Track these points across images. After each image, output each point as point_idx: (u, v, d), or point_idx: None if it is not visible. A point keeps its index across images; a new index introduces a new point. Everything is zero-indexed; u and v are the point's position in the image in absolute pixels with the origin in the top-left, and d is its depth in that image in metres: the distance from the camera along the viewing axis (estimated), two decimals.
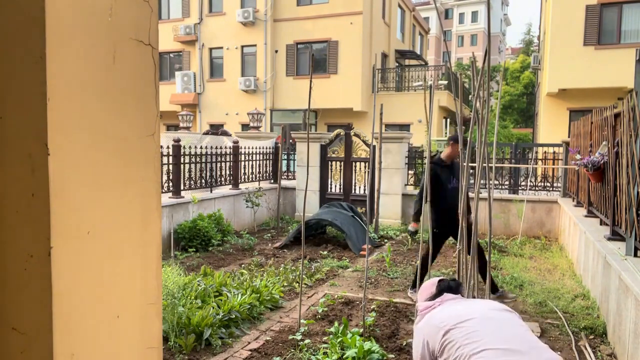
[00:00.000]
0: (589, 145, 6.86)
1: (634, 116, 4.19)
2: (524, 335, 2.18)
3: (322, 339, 4.22)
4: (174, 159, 7.74)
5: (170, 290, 4.45)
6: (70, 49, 1.02)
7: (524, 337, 2.15)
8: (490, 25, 3.54)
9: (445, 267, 6.70)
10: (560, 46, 15.93)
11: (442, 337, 2.20)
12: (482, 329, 2.15)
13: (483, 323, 2.19)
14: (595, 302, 5.04)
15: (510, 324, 2.24)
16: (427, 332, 2.31)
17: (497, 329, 2.17)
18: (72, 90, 1.03)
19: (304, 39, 21.44)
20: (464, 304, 2.43)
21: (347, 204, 8.71)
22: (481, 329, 2.15)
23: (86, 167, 1.07)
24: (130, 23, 1.17)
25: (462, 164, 3.84)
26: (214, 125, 22.56)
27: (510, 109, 38.16)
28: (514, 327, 2.22)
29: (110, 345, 1.16)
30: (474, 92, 3.68)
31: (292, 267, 6.48)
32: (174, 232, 7.45)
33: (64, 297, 1.03)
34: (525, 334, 2.19)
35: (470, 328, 2.16)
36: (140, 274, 1.24)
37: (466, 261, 3.81)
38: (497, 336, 2.11)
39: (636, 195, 4.09)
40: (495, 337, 2.10)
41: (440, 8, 61.94)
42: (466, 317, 2.24)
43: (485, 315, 2.28)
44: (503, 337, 2.11)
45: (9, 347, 1.05)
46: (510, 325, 2.23)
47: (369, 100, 20.93)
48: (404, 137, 9.94)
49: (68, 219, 1.03)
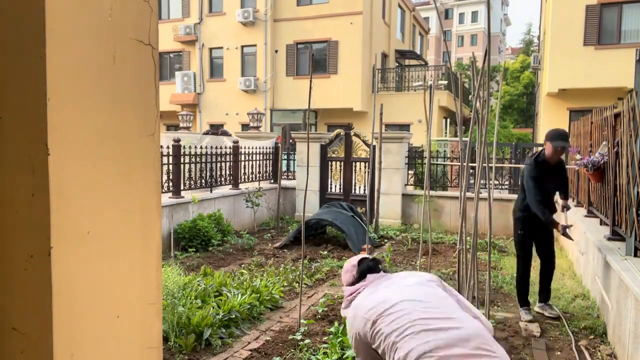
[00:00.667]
0: (589, 145, 6.86)
1: (634, 116, 4.19)
2: (450, 307, 2.21)
3: (322, 339, 4.22)
4: (174, 159, 7.74)
5: (170, 290, 4.45)
6: (70, 49, 1.02)
7: (446, 310, 2.18)
8: (490, 25, 3.54)
9: (445, 267, 6.70)
10: (560, 46, 15.93)
11: (371, 329, 2.22)
12: (405, 312, 2.16)
13: (405, 305, 2.20)
14: (595, 302, 5.04)
15: (437, 297, 2.27)
16: (357, 325, 2.33)
17: (419, 308, 2.18)
18: (72, 90, 1.03)
19: (304, 39, 21.45)
20: (388, 285, 2.42)
21: (347, 204, 8.71)
22: (404, 313, 2.16)
23: (86, 167, 1.07)
24: (130, 23, 1.17)
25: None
26: (214, 125, 22.56)
27: (510, 109, 38.16)
28: (440, 300, 2.26)
29: (110, 345, 1.16)
30: (474, 92, 3.68)
31: (292, 267, 6.48)
32: (174, 232, 7.45)
33: (64, 297, 1.03)
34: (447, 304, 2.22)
35: (394, 315, 2.17)
36: (140, 274, 1.24)
37: (466, 261, 3.81)
38: (419, 315, 2.13)
39: (636, 195, 4.09)
40: (417, 316, 2.12)
41: (440, 8, 61.94)
42: (390, 302, 2.24)
43: (407, 295, 2.28)
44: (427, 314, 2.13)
45: (9, 347, 1.05)
46: (437, 298, 2.26)
47: (369, 100, 20.93)
48: (404, 137, 9.94)
49: (68, 219, 1.03)
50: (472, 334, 2.03)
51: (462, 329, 2.05)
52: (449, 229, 9.37)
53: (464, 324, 2.08)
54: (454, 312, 2.18)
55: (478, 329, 2.08)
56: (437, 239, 8.48)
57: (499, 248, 7.80)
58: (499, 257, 7.28)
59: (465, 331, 2.04)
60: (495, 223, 8.86)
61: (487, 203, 3.76)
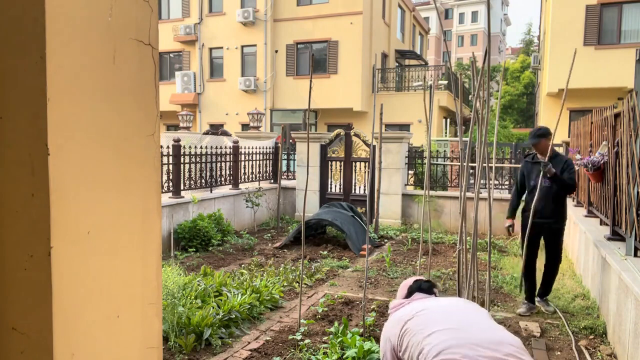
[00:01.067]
0: (589, 145, 6.86)
1: (634, 116, 4.19)
2: (478, 318, 2.20)
3: (322, 339, 4.22)
4: (174, 159, 7.74)
5: (170, 290, 4.45)
6: (70, 49, 1.02)
7: (475, 320, 2.17)
8: (490, 25, 3.54)
9: (445, 267, 6.70)
10: (560, 46, 15.93)
11: (401, 329, 2.26)
12: (436, 315, 2.21)
13: (438, 311, 2.25)
14: (595, 302, 5.04)
15: (467, 311, 2.28)
16: (390, 328, 2.37)
17: (451, 315, 2.21)
18: (72, 90, 1.03)
19: (304, 39, 21.44)
20: (431, 301, 2.47)
21: (347, 204, 8.72)
22: (435, 316, 2.21)
23: (86, 167, 1.07)
24: (130, 23, 1.17)
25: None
26: (214, 125, 22.56)
27: (510, 109, 38.16)
28: (469, 312, 2.26)
29: (110, 345, 1.16)
30: (474, 92, 3.68)
31: (292, 267, 6.48)
32: (174, 232, 7.45)
33: (64, 297, 1.03)
34: (480, 319, 2.20)
35: (426, 316, 2.23)
36: (140, 274, 1.24)
37: (466, 261, 3.81)
38: (448, 319, 2.16)
39: (636, 195, 4.09)
40: (446, 320, 2.16)
41: (440, 8, 61.94)
42: (425, 308, 2.30)
43: (443, 305, 2.34)
44: (454, 320, 2.16)
45: (9, 347, 1.05)
46: (466, 312, 2.27)
47: (369, 100, 20.93)
48: (404, 137, 9.94)
49: (68, 219, 1.03)
50: (505, 341, 2.01)
51: (494, 335, 2.04)
52: (449, 229, 9.37)
53: (496, 332, 2.07)
54: (489, 322, 2.17)
55: (512, 339, 2.06)
56: (437, 239, 8.48)
57: (499, 248, 7.81)
58: (499, 257, 7.28)
59: (496, 337, 2.03)
60: (495, 223, 8.86)
61: (487, 203, 3.76)
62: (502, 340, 2.01)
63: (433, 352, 1.99)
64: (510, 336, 2.08)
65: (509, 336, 2.08)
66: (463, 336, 2.02)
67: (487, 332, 2.06)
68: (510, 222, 5.29)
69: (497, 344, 1.98)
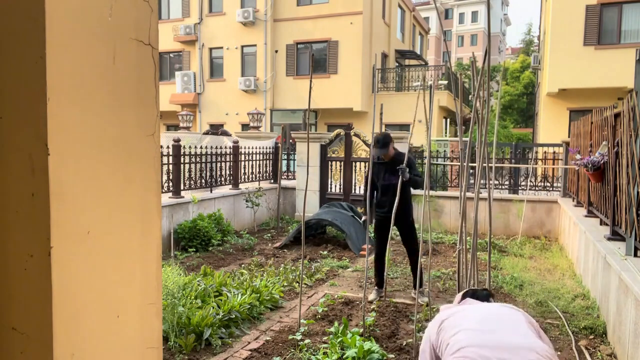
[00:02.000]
0: (589, 145, 6.86)
1: (634, 116, 4.19)
2: (509, 323, 2.19)
3: (322, 339, 4.22)
4: (174, 159, 7.74)
5: (170, 290, 4.45)
6: (70, 49, 1.02)
7: (507, 324, 2.17)
8: (490, 25, 3.54)
9: (445, 267, 6.70)
10: (560, 46, 15.93)
11: (438, 327, 2.29)
12: (469, 316, 2.24)
13: (473, 313, 2.27)
14: (595, 302, 5.04)
15: (501, 315, 2.27)
16: (430, 327, 2.40)
17: (483, 317, 2.22)
18: (72, 90, 1.03)
19: (304, 39, 21.44)
20: (473, 305, 2.47)
21: (347, 204, 8.72)
22: (468, 317, 2.23)
23: (86, 167, 1.07)
24: (130, 23, 1.17)
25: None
26: (214, 125, 22.55)
27: (510, 109, 38.16)
28: (503, 316, 2.26)
29: (110, 345, 1.16)
30: (474, 92, 3.68)
31: (292, 267, 6.48)
32: (174, 232, 7.45)
33: (64, 297, 1.03)
34: (512, 324, 2.19)
35: (460, 317, 2.26)
36: (140, 273, 1.24)
37: (466, 261, 3.81)
38: (478, 321, 2.18)
39: (636, 195, 4.09)
40: (475, 321, 2.18)
41: (440, 8, 61.93)
42: (463, 310, 2.33)
43: (480, 307, 2.35)
44: (484, 322, 2.17)
45: (9, 347, 1.05)
46: (500, 315, 2.26)
47: (369, 100, 20.93)
48: (404, 137, 9.94)
49: (68, 219, 1.03)
50: (529, 347, 1.99)
51: (520, 340, 2.03)
52: (449, 229, 9.37)
53: (525, 339, 2.06)
54: (520, 328, 2.14)
55: (539, 347, 2.02)
56: (437, 239, 8.48)
57: (499, 248, 7.80)
58: (499, 257, 7.28)
59: (521, 343, 2.02)
60: (495, 223, 8.87)
61: (487, 203, 3.76)
62: (527, 346, 2.00)
63: (454, 348, 2.05)
64: (540, 345, 2.05)
65: (539, 345, 2.05)
66: (487, 338, 2.04)
67: (515, 337, 2.05)
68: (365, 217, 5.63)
69: (520, 348, 1.98)
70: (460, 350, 2.01)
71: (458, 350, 2.02)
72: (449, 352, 2.07)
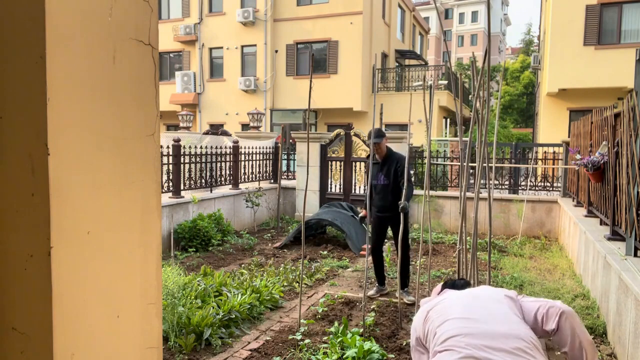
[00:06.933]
0: (589, 145, 6.86)
1: (634, 116, 4.19)
2: (494, 309, 2.19)
3: (322, 338, 4.22)
4: (174, 159, 7.74)
5: (170, 290, 4.45)
6: (70, 49, 1.02)
7: (492, 312, 2.16)
8: (490, 25, 3.54)
9: (445, 267, 6.70)
10: (560, 46, 15.93)
11: (424, 319, 2.30)
12: (455, 304, 2.25)
13: (458, 300, 2.28)
14: (595, 302, 5.04)
15: (487, 301, 2.27)
16: (415, 319, 2.42)
17: (469, 304, 2.23)
18: (72, 90, 1.03)
19: (304, 39, 21.44)
20: (455, 292, 2.48)
21: (347, 204, 8.71)
22: (453, 304, 2.24)
23: (86, 167, 1.07)
24: (130, 23, 1.17)
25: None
26: (214, 125, 22.55)
27: (510, 109, 38.15)
28: (487, 302, 2.26)
29: (110, 345, 1.16)
30: (474, 92, 3.68)
31: (292, 267, 6.48)
32: (174, 232, 7.45)
33: (64, 297, 1.03)
34: (499, 311, 2.18)
35: (445, 305, 2.27)
36: (140, 273, 1.24)
37: (466, 261, 3.81)
38: (464, 309, 2.19)
39: (636, 195, 4.09)
40: (461, 309, 2.19)
41: (440, 8, 61.93)
42: (446, 298, 2.35)
43: (465, 294, 2.36)
44: (470, 310, 2.17)
45: (9, 347, 1.05)
46: (485, 302, 2.26)
47: (369, 100, 20.93)
48: (404, 137, 9.94)
49: (68, 219, 1.03)
50: (516, 335, 2.00)
51: (507, 328, 2.03)
52: (449, 229, 9.37)
53: (510, 326, 2.06)
54: (507, 315, 2.14)
55: (525, 334, 2.02)
56: (437, 239, 8.48)
57: (499, 248, 7.80)
58: (499, 257, 7.28)
59: (508, 330, 2.02)
60: (495, 223, 8.88)
61: (487, 203, 3.76)
62: (513, 334, 2.00)
63: (442, 338, 2.05)
64: (524, 331, 2.05)
65: (523, 331, 2.05)
66: (474, 326, 2.04)
67: (500, 325, 2.05)
68: (364, 213, 5.70)
69: (507, 337, 1.98)
70: (448, 340, 2.03)
71: (446, 340, 2.04)
72: (437, 341, 2.08)
